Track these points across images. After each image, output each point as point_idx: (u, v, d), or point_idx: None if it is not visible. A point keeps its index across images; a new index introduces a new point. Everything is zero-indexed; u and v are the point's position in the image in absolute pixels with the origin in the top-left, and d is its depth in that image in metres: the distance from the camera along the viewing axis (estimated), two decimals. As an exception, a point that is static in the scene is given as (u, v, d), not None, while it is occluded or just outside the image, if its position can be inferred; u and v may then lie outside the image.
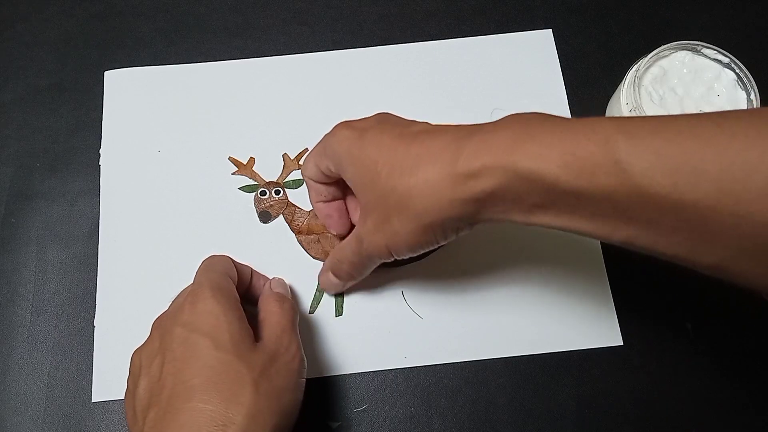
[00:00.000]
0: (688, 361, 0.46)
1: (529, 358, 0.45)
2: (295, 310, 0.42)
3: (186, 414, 0.33)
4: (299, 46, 0.55)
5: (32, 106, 0.53)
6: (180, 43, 0.55)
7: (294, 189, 0.50)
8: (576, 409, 0.44)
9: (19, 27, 0.56)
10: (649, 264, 0.48)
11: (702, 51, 0.49)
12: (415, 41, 0.55)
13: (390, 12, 0.56)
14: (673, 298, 0.47)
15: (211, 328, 0.36)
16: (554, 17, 0.56)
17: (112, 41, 0.55)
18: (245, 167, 0.51)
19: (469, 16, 0.56)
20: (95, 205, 0.50)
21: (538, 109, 0.33)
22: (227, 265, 0.42)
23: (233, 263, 0.43)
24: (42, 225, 0.49)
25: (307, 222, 0.49)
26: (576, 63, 0.54)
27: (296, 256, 0.48)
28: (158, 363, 0.36)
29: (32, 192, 0.50)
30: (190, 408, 0.33)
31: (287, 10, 0.56)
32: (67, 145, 0.52)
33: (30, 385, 0.45)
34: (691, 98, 0.48)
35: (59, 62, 0.54)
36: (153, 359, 0.37)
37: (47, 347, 0.46)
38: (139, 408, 0.36)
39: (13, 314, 0.47)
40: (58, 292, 0.48)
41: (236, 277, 0.42)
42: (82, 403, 0.45)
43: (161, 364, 0.36)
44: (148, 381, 0.37)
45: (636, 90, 0.47)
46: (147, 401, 0.36)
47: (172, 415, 0.33)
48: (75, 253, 0.49)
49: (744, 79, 0.48)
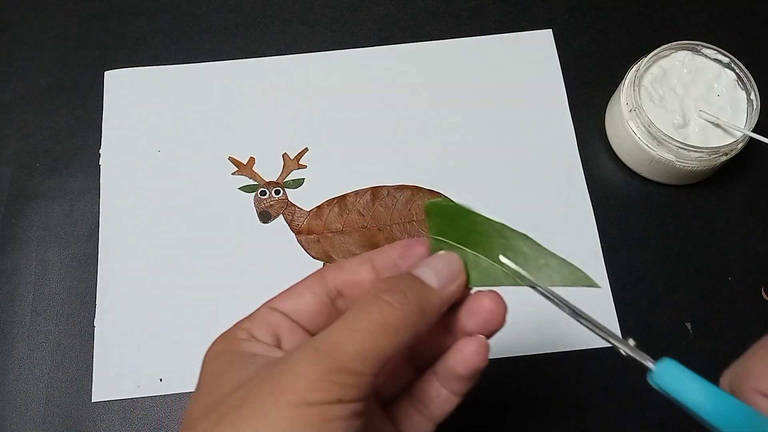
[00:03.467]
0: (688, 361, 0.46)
1: (529, 358, 0.45)
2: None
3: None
4: (299, 46, 0.55)
5: (32, 106, 0.53)
6: (180, 43, 0.55)
7: (294, 189, 0.50)
8: (576, 409, 0.44)
9: (19, 27, 0.56)
10: (649, 264, 0.48)
11: (702, 51, 0.49)
12: (415, 41, 0.55)
13: (390, 12, 0.56)
14: (673, 298, 0.47)
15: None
16: (554, 17, 0.56)
17: (112, 41, 0.55)
18: (245, 167, 0.51)
19: (469, 16, 0.56)
20: (95, 205, 0.50)
21: (538, 108, 0.33)
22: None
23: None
24: (42, 225, 0.49)
25: (307, 222, 0.49)
26: (576, 63, 0.54)
27: (296, 256, 0.48)
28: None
29: (32, 192, 0.50)
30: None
31: (287, 10, 0.56)
32: (67, 145, 0.52)
33: (30, 385, 0.45)
34: (691, 98, 0.48)
35: (59, 62, 0.54)
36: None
37: (47, 347, 0.46)
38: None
39: (13, 314, 0.47)
40: (58, 292, 0.48)
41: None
42: (82, 403, 0.45)
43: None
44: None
45: (636, 90, 0.47)
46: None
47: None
48: (75, 253, 0.49)
49: (744, 79, 0.48)
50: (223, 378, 0.26)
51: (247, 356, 0.27)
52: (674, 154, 0.46)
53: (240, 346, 0.27)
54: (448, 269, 0.29)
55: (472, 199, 0.50)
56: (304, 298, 0.29)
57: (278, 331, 0.28)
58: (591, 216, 0.49)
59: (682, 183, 0.50)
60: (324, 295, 0.29)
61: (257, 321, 0.28)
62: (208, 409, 0.25)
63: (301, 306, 0.29)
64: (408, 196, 0.50)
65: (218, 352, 0.28)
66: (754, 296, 0.47)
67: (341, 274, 0.29)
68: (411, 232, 0.49)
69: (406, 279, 0.28)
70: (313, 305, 0.29)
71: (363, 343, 0.25)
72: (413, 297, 0.27)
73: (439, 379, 0.30)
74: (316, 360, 0.24)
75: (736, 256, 0.48)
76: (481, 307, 0.29)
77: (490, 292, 0.29)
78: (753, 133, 0.46)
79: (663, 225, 0.49)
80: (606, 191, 0.50)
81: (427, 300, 0.27)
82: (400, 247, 0.29)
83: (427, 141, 0.52)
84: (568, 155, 0.51)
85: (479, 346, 0.28)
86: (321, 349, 0.24)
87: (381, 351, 0.25)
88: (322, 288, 0.29)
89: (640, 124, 0.47)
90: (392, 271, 0.29)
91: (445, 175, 0.50)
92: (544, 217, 0.49)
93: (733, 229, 0.49)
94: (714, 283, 0.48)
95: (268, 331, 0.28)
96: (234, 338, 0.28)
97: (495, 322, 0.29)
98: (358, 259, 0.29)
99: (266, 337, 0.28)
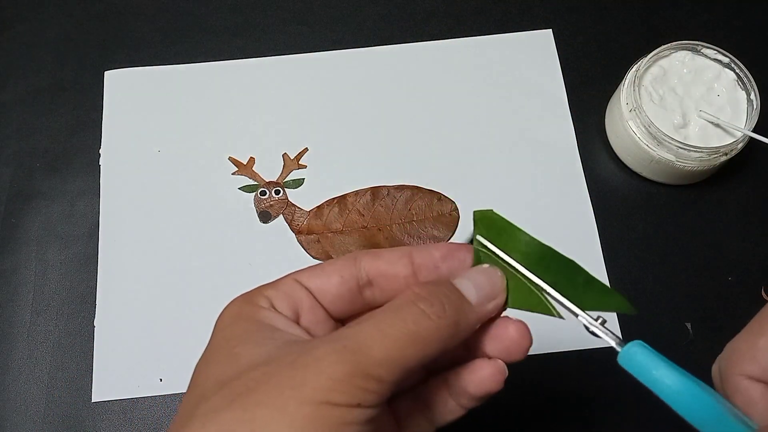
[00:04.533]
0: (688, 361, 0.46)
1: (529, 358, 0.45)
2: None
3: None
4: (299, 46, 0.55)
5: (32, 106, 0.53)
6: (180, 43, 0.55)
7: (294, 189, 0.50)
8: (576, 409, 0.44)
9: (19, 27, 0.56)
10: (649, 264, 0.48)
11: (702, 51, 0.49)
12: (415, 41, 0.55)
13: (390, 12, 0.56)
14: (673, 298, 0.47)
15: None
16: (554, 17, 0.56)
17: (112, 41, 0.55)
18: (245, 167, 0.51)
19: (469, 16, 0.56)
20: (95, 205, 0.50)
21: (538, 108, 0.32)
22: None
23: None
24: (42, 225, 0.49)
25: (307, 222, 0.49)
26: (576, 63, 0.54)
27: (296, 256, 0.48)
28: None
29: (32, 192, 0.50)
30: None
31: (287, 10, 0.56)
32: (67, 145, 0.52)
33: (30, 385, 0.45)
34: (691, 98, 0.48)
35: (59, 62, 0.54)
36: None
37: (47, 347, 0.46)
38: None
39: (13, 314, 0.47)
40: (58, 292, 0.48)
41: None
42: (82, 403, 0.45)
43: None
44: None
45: (636, 90, 0.47)
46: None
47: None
48: (75, 253, 0.49)
49: (744, 79, 0.48)
50: (240, 349, 0.25)
51: (265, 328, 0.26)
52: (674, 154, 0.46)
53: (259, 314, 0.26)
54: (490, 286, 0.27)
55: (472, 199, 0.50)
56: (332, 280, 0.28)
57: (299, 306, 0.27)
58: (591, 216, 0.49)
59: (682, 183, 0.50)
60: (353, 280, 0.28)
61: (280, 291, 0.27)
62: (221, 383, 0.24)
63: (327, 287, 0.28)
64: (408, 196, 0.50)
65: (235, 316, 0.27)
66: (754, 296, 0.47)
67: (378, 263, 0.28)
68: (411, 232, 0.49)
69: (446, 289, 0.26)
70: (339, 289, 0.28)
71: (392, 350, 0.24)
72: (451, 310, 0.25)
73: (449, 389, 0.29)
74: (342, 359, 0.23)
75: (736, 256, 0.48)
76: (507, 335, 0.28)
77: (517, 322, 0.28)
78: (753, 133, 0.46)
79: (663, 225, 0.49)
80: (606, 191, 0.50)
81: (463, 315, 0.26)
82: (444, 248, 0.28)
83: (427, 141, 0.52)
84: (568, 155, 0.51)
85: (496, 371, 0.28)
86: (349, 348, 0.24)
87: (407, 360, 0.24)
88: (352, 273, 0.28)
89: (640, 124, 0.47)
90: (431, 271, 0.28)
91: (445, 175, 0.50)
92: (544, 217, 0.49)
93: (733, 229, 0.49)
94: (714, 283, 0.48)
95: (289, 304, 0.27)
96: (254, 304, 0.27)
97: (516, 354, 0.28)
98: (397, 252, 0.28)
99: (286, 310, 0.27)
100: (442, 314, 0.25)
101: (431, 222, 0.49)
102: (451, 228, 0.49)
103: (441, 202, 0.50)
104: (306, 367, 0.23)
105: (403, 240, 0.49)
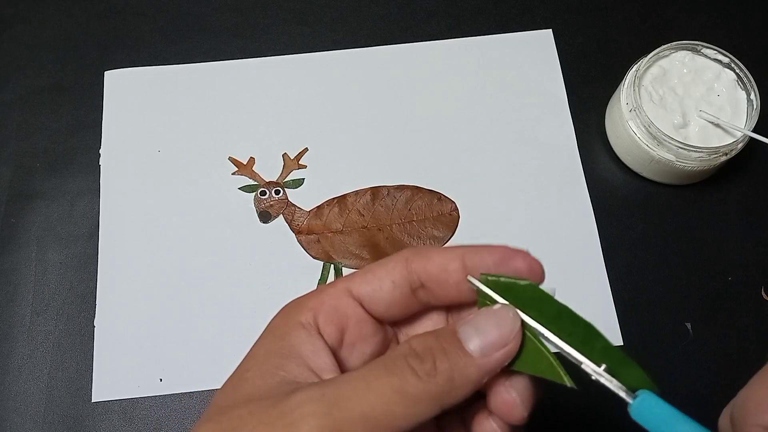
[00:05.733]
0: (688, 361, 0.46)
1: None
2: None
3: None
4: (299, 46, 0.55)
5: (32, 106, 0.53)
6: (180, 43, 0.55)
7: (294, 189, 0.50)
8: (576, 409, 0.44)
9: (19, 27, 0.56)
10: (649, 264, 0.48)
11: (702, 51, 0.49)
12: (415, 41, 0.55)
13: (390, 12, 0.56)
14: (673, 298, 0.47)
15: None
16: (554, 17, 0.56)
17: (112, 41, 0.55)
18: (245, 167, 0.51)
19: (469, 16, 0.56)
20: (95, 205, 0.50)
21: (538, 108, 0.32)
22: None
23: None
24: (42, 225, 0.49)
25: (307, 222, 0.49)
26: (576, 63, 0.54)
27: (296, 256, 0.48)
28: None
29: (32, 192, 0.50)
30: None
31: (287, 10, 0.56)
32: (67, 145, 0.52)
33: (30, 385, 0.45)
34: (691, 98, 0.48)
35: (59, 62, 0.54)
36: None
37: (47, 347, 0.46)
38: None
39: (13, 314, 0.47)
40: (58, 292, 0.48)
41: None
42: (82, 403, 0.45)
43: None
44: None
45: (636, 90, 0.47)
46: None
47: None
48: (75, 253, 0.49)
49: (744, 79, 0.48)
50: (250, 374, 0.24)
51: (287, 353, 0.25)
52: (674, 154, 0.46)
53: (291, 334, 0.25)
54: (498, 332, 0.24)
55: (472, 199, 0.50)
56: (384, 285, 0.26)
57: (345, 323, 0.26)
58: (591, 216, 0.49)
59: (682, 183, 0.50)
60: (405, 284, 0.26)
61: (327, 304, 0.26)
62: (220, 409, 0.23)
63: (380, 294, 0.26)
64: (408, 196, 0.50)
65: (274, 328, 0.26)
66: (754, 296, 0.47)
67: (429, 265, 0.26)
68: (411, 232, 0.49)
69: (444, 341, 0.24)
70: (392, 295, 0.26)
71: (373, 407, 0.22)
72: (443, 367, 0.23)
73: (448, 418, 0.27)
74: (316, 411, 0.22)
75: (736, 256, 0.48)
76: (503, 399, 0.25)
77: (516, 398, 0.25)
78: (753, 133, 0.46)
79: (663, 225, 0.49)
80: (606, 191, 0.50)
81: (459, 372, 0.23)
82: (499, 253, 0.26)
83: (427, 141, 0.52)
84: (568, 155, 0.51)
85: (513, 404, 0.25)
86: (327, 398, 0.22)
87: (393, 420, 0.22)
88: (404, 276, 0.26)
89: (640, 124, 0.47)
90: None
91: (445, 175, 0.50)
92: (544, 217, 0.49)
93: (733, 229, 0.49)
94: (714, 283, 0.48)
95: (334, 320, 0.26)
96: (294, 319, 0.25)
97: (512, 420, 0.25)
98: (449, 253, 0.26)
99: (329, 327, 0.25)
100: (432, 372, 0.23)
101: (431, 222, 0.49)
102: (452, 228, 0.49)
103: (441, 202, 0.50)
104: (282, 416, 0.22)
105: (403, 240, 0.49)
